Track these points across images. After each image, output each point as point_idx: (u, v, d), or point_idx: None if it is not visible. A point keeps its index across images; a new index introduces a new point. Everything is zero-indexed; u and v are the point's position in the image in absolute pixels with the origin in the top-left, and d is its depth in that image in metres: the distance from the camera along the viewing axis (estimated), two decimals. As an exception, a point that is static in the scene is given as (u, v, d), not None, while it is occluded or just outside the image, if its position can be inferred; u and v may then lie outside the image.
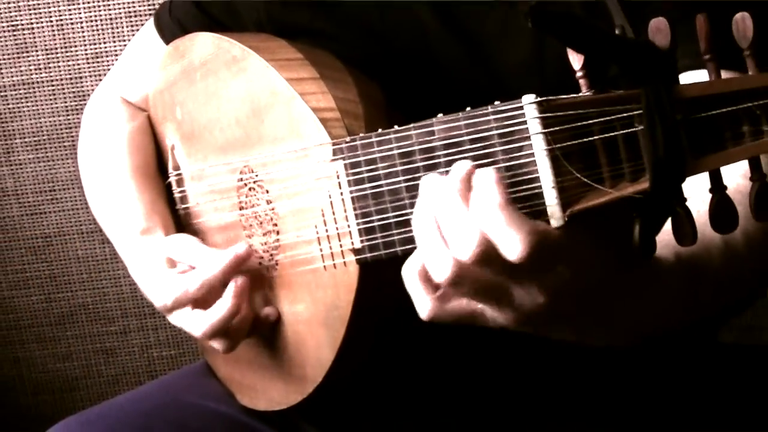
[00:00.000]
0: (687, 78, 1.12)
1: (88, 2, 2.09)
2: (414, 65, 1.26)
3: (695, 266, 0.96)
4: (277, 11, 1.31)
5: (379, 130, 0.98)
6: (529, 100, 0.82)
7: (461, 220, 0.82)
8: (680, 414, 1.30)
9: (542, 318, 0.86)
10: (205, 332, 1.20)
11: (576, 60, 0.84)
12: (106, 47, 2.11)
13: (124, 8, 2.09)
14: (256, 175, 1.21)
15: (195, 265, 1.23)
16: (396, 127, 0.96)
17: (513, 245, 0.80)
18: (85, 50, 2.11)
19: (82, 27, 2.11)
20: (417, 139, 0.93)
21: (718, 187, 0.84)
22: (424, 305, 0.88)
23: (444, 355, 1.28)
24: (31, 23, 2.10)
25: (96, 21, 2.10)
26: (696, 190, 0.84)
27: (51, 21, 2.10)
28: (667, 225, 0.85)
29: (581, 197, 0.82)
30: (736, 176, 0.86)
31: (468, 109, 0.88)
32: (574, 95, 0.83)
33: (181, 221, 1.38)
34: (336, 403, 1.31)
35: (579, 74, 0.84)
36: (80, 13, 2.10)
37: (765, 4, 0.86)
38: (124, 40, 2.08)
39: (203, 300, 1.21)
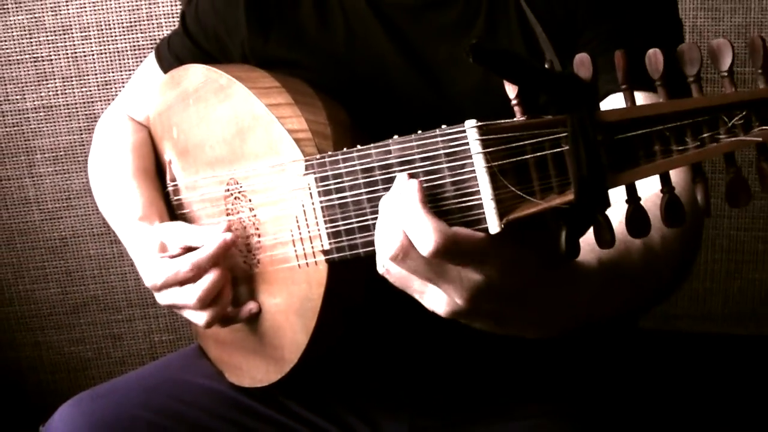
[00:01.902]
0: (610, 100, 1.12)
1: (99, 38, 2.08)
2: (376, 91, 1.25)
3: (616, 266, 0.94)
4: (259, 46, 1.31)
5: (344, 149, 0.97)
6: (470, 124, 0.81)
7: (388, 224, 0.83)
8: (603, 394, 1.30)
9: (465, 312, 0.85)
10: (200, 297, 1.18)
11: (511, 90, 0.83)
12: (114, 76, 2.10)
13: (129, 43, 2.08)
14: (241, 186, 1.20)
15: (187, 244, 1.22)
16: (359, 147, 0.95)
17: (425, 240, 0.80)
18: (97, 79, 2.11)
19: (93, 59, 2.10)
20: (376, 157, 0.92)
21: (633, 198, 0.83)
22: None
23: (406, 338, 1.28)
24: (50, 55, 2.09)
25: (106, 54, 2.09)
26: (620, 202, 0.83)
27: (67, 53, 2.09)
28: (590, 230, 0.84)
29: (516, 207, 0.80)
30: (656, 189, 0.86)
31: (419, 131, 0.87)
32: (510, 120, 0.81)
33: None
34: (310, 380, 1.30)
35: (514, 102, 0.83)
36: (92, 47, 2.09)
37: (674, 41, 0.85)
38: (130, 70, 2.08)
39: (192, 280, 1.20)
